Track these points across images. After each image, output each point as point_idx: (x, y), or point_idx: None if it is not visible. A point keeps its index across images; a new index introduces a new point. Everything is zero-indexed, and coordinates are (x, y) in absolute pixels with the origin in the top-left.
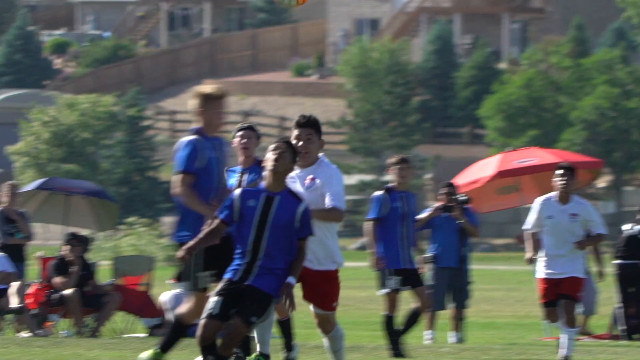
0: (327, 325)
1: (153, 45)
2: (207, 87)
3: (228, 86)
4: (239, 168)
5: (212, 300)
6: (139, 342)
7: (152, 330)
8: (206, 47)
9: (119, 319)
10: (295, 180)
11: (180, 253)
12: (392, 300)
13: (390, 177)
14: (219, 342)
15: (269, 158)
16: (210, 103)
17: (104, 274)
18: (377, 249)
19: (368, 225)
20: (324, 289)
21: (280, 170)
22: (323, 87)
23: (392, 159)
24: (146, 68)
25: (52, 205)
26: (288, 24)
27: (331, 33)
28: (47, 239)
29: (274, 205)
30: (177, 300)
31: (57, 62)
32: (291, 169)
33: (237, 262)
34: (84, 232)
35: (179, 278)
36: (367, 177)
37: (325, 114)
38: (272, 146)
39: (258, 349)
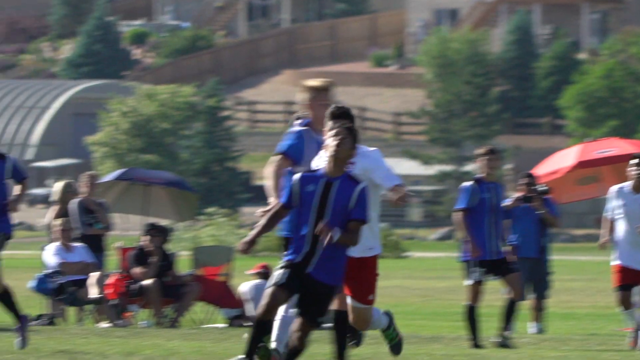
0: (361, 323)
1: (232, 35)
2: (315, 80)
3: (307, 76)
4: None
5: (278, 272)
6: (218, 332)
7: (232, 321)
8: (285, 37)
9: (199, 309)
10: None
11: (240, 246)
12: (475, 291)
13: (479, 168)
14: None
15: (330, 144)
16: (318, 95)
17: (183, 265)
18: (472, 237)
19: (457, 215)
20: (360, 278)
21: (341, 156)
22: (402, 77)
23: (481, 150)
24: (225, 58)
25: (131, 195)
26: (367, 14)
27: (410, 23)
28: (126, 229)
29: (333, 190)
30: (256, 291)
31: (136, 52)
32: (352, 155)
33: (296, 247)
34: (164, 222)
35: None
36: (447, 168)
37: (405, 105)
38: (332, 132)
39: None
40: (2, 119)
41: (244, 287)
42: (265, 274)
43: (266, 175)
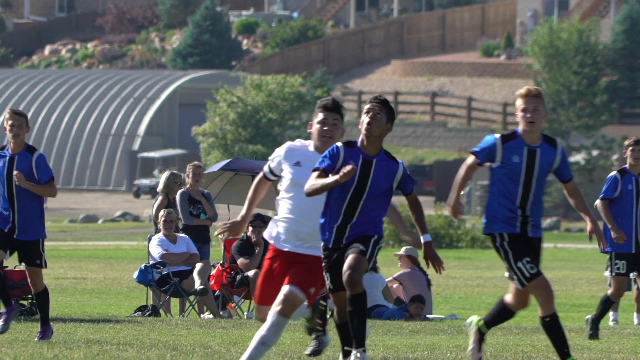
0: (289, 308)
1: (341, 25)
2: (524, 88)
3: (416, 67)
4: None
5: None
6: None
7: (333, 312)
8: (394, 27)
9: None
10: (312, 163)
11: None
12: (618, 283)
13: (628, 159)
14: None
15: (363, 121)
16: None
17: None
18: (612, 228)
19: (602, 204)
20: (314, 274)
21: (375, 134)
22: (511, 67)
23: (629, 140)
24: (334, 48)
25: (236, 186)
26: (477, 4)
27: (520, 13)
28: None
29: (372, 169)
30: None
31: (245, 42)
32: (388, 130)
33: (328, 226)
34: (269, 213)
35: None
36: None
37: (513, 95)
38: (366, 107)
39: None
40: (110, 109)
41: None
42: None
43: (459, 172)
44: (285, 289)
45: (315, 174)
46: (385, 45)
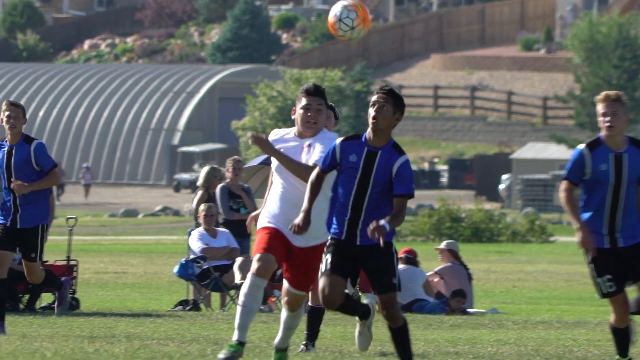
0: (296, 305)
1: (380, 19)
2: (603, 93)
3: (455, 61)
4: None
5: (327, 259)
6: None
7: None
8: (434, 21)
9: None
10: (294, 149)
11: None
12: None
13: None
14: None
15: (369, 113)
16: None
17: None
18: None
19: None
20: (304, 267)
21: (382, 127)
22: (551, 61)
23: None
24: (373, 42)
25: None
26: None
27: (559, 7)
28: None
29: (377, 160)
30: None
31: (285, 37)
32: (397, 120)
33: (338, 219)
34: None
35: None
36: None
37: (553, 89)
38: (372, 98)
39: (236, 336)
40: (150, 103)
41: None
42: (409, 258)
43: (562, 201)
44: (262, 256)
45: (316, 169)
46: (425, 39)
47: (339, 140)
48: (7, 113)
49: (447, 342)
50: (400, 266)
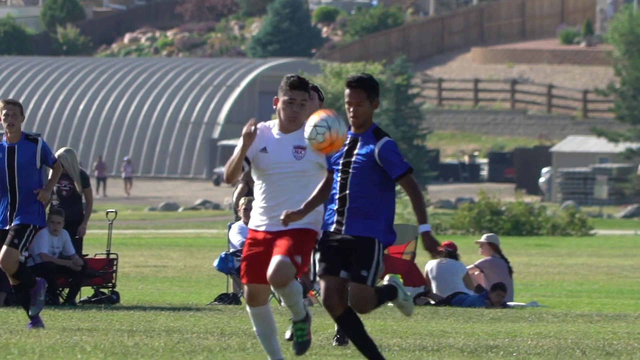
0: (284, 278)
1: (421, 13)
2: None
3: (496, 54)
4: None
5: (316, 260)
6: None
7: (415, 299)
8: (474, 14)
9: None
10: (279, 146)
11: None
12: None
13: None
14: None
15: (347, 112)
16: None
17: None
18: None
19: None
20: (293, 237)
21: (362, 120)
22: (591, 54)
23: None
24: (413, 36)
25: None
26: None
27: (600, 0)
28: None
29: (357, 147)
30: (440, 270)
31: (325, 30)
32: (375, 107)
33: (330, 210)
34: None
35: None
36: (634, 145)
37: (593, 82)
38: (346, 93)
39: (270, 359)
40: (190, 97)
41: (429, 265)
42: (450, 252)
43: None
44: (274, 259)
45: (327, 174)
46: (465, 33)
47: None
48: (4, 111)
49: (486, 336)
50: (441, 259)
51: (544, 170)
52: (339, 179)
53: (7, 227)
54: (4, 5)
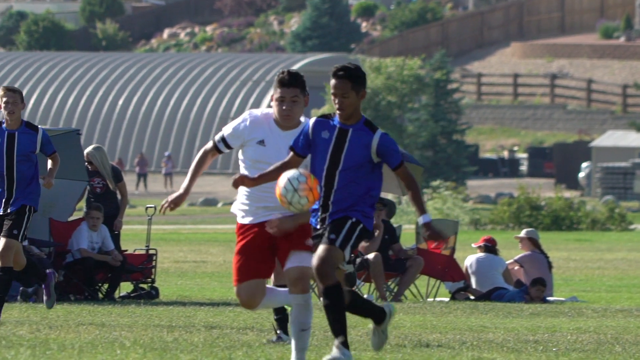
0: (305, 281)
1: (460, 7)
2: None
3: (535, 49)
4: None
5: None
6: (442, 306)
7: (454, 295)
8: (514, 9)
9: (422, 282)
10: (278, 142)
11: (235, 177)
12: None
13: None
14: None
15: (334, 103)
16: None
17: (407, 238)
18: None
19: None
20: (297, 231)
21: (350, 112)
22: (630, 49)
23: None
24: (453, 31)
25: None
26: None
27: None
28: None
29: (348, 139)
30: (479, 265)
31: (364, 25)
32: (362, 97)
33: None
34: (389, 196)
35: None
36: None
37: (633, 76)
38: (332, 84)
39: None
40: (229, 92)
41: (468, 260)
42: (489, 247)
43: None
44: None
45: (290, 154)
46: (505, 27)
47: (311, 120)
48: (5, 99)
49: (526, 331)
50: (480, 254)
51: (584, 165)
52: (325, 166)
53: (2, 213)
54: (43, 1)
